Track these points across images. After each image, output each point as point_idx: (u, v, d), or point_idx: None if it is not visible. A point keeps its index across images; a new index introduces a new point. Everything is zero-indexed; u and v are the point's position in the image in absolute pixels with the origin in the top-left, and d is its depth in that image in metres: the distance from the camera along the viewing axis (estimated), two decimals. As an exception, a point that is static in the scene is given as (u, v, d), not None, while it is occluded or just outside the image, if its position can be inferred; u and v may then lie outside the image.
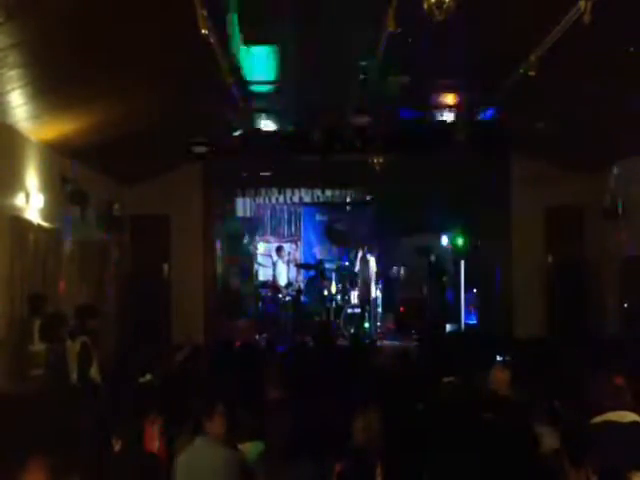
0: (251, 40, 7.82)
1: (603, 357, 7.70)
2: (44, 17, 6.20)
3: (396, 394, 7.14)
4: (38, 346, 8.31)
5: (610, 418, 4.62)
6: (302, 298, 16.99)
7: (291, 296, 16.37)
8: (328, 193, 15.87)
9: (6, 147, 8.40)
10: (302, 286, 17.61)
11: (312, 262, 17.86)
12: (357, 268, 16.02)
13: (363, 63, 8.58)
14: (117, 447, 5.30)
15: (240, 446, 5.79)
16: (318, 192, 15.82)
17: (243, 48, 7.98)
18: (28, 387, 7.92)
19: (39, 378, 8.07)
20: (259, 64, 8.84)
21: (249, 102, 10.26)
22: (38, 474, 1.98)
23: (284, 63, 8.86)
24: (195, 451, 5.53)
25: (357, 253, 16.23)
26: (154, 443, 5.83)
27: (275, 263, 16.72)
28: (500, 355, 8.56)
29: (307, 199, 16.31)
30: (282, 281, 16.46)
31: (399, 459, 5.64)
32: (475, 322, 15.39)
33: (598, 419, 4.62)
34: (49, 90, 7.99)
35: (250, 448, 5.84)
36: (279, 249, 17.00)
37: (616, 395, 4.89)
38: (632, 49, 7.33)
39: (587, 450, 4.56)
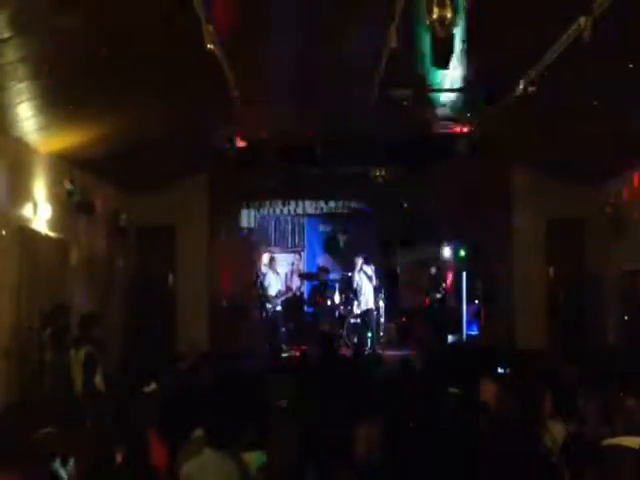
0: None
1: (604, 371, 7.71)
2: (52, 31, 6.28)
3: (398, 405, 7.19)
4: (48, 356, 8.40)
5: (622, 442, 4.63)
6: (305, 308, 17.03)
7: (282, 306, 16.40)
8: (331, 204, 15.91)
9: (14, 159, 8.48)
10: (305, 295, 17.67)
11: (315, 272, 17.90)
12: (355, 279, 16.03)
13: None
14: (119, 458, 5.35)
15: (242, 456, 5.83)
16: (322, 203, 15.86)
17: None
18: (37, 398, 7.98)
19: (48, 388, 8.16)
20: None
21: (254, 114, 10.33)
22: None
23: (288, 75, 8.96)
24: (203, 462, 5.56)
25: (355, 264, 16.23)
26: (157, 453, 5.88)
27: (265, 274, 16.76)
28: (501, 367, 8.60)
29: (310, 210, 16.35)
30: (272, 291, 16.49)
31: (401, 469, 5.69)
32: (476, 333, 15.42)
33: (611, 441, 4.64)
34: (57, 102, 8.04)
35: (252, 459, 5.86)
36: (271, 260, 17.04)
37: (628, 418, 4.90)
38: (631, 65, 7.39)
39: (588, 464, 4.60)
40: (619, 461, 4.52)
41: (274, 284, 16.62)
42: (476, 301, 15.42)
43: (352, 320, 16.05)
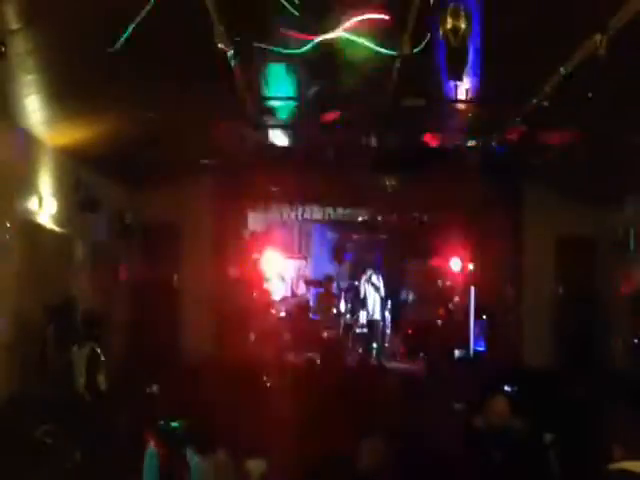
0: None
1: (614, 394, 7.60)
2: (62, 23, 6.22)
3: (404, 419, 7.10)
4: (50, 352, 8.34)
5: (625, 467, 4.53)
6: (310, 315, 16.93)
7: (287, 312, 16.32)
8: (340, 211, 15.77)
9: (21, 151, 8.42)
10: (310, 302, 17.56)
11: (321, 279, 17.79)
12: (362, 290, 15.94)
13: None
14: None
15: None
16: (330, 210, 15.72)
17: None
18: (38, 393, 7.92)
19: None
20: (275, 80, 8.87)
21: (263, 117, 10.25)
22: None
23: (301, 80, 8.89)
24: (201, 467, 5.49)
25: (363, 274, 16.14)
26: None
27: (270, 279, 16.70)
28: (507, 385, 8.46)
29: (318, 216, 16.22)
30: (277, 297, 16.42)
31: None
32: (483, 349, 15.24)
33: (615, 466, 4.55)
34: (65, 96, 7.98)
35: (252, 467, 5.79)
36: (277, 265, 16.98)
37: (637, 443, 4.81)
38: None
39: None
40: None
41: (279, 290, 16.56)
42: (484, 317, 15.26)
43: (358, 330, 15.95)
